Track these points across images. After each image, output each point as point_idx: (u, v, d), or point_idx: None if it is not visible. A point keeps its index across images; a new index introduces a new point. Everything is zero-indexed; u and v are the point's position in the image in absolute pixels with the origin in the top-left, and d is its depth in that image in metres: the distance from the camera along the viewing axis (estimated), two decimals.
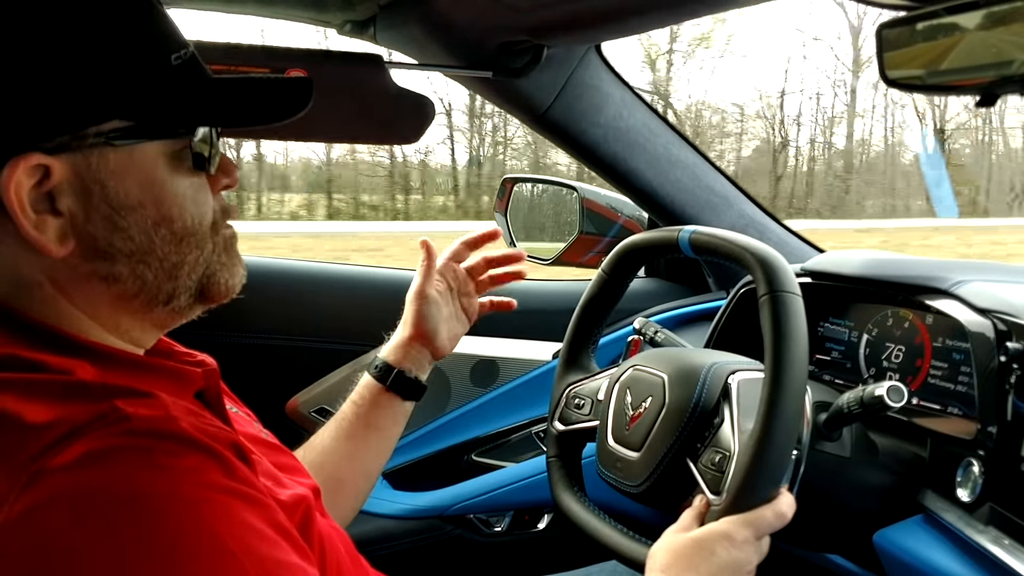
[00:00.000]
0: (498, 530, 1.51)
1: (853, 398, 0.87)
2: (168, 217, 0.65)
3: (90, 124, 0.60)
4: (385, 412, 1.05)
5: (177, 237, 0.65)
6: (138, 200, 0.63)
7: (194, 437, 0.57)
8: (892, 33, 0.80)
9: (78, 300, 0.64)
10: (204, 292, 0.69)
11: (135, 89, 0.61)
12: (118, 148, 0.61)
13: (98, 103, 0.60)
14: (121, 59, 0.61)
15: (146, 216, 0.63)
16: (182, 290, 0.67)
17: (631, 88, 1.44)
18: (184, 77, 0.64)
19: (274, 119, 0.67)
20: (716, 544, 0.76)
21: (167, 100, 0.63)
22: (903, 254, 1.36)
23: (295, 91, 0.68)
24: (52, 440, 0.53)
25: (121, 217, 0.62)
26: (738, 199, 1.53)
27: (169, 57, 0.63)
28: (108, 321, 0.65)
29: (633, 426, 0.93)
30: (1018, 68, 0.69)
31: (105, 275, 0.64)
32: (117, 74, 0.60)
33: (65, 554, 0.51)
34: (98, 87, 0.60)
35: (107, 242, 0.63)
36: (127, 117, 0.61)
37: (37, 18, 0.58)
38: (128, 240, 0.63)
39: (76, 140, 0.60)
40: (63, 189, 0.60)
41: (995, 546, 0.82)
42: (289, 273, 1.59)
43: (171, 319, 0.70)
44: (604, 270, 1.06)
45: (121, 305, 0.65)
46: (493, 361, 1.55)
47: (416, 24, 1.27)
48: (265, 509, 0.58)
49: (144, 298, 0.66)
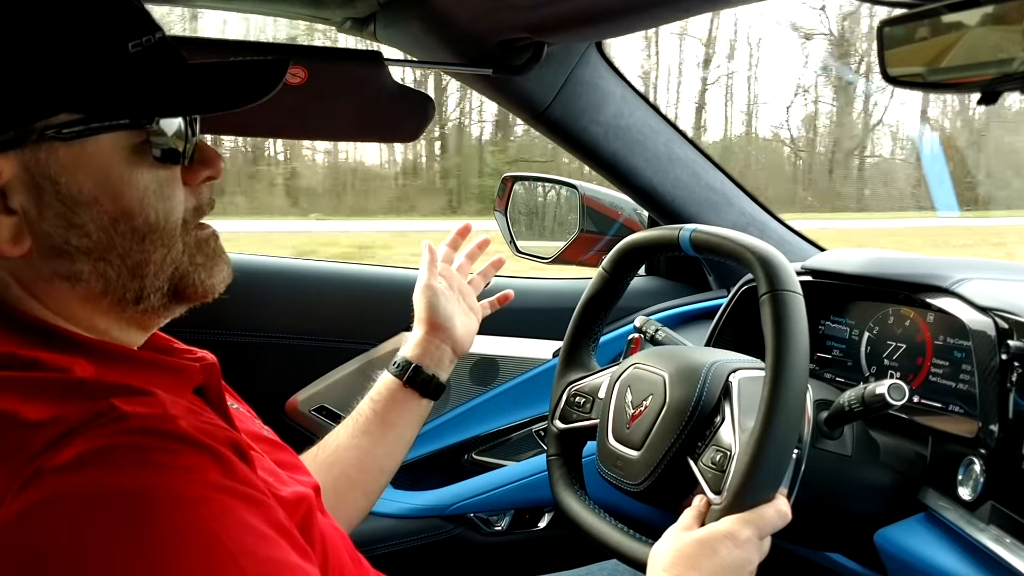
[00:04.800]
0: (498, 529, 1.51)
1: (854, 396, 0.87)
2: (127, 212, 0.62)
3: (36, 118, 0.57)
4: (402, 409, 1.06)
5: (139, 234, 0.63)
6: (93, 196, 0.60)
7: (192, 436, 0.56)
8: (893, 30, 0.79)
9: (47, 300, 0.62)
10: (179, 292, 0.67)
11: (84, 80, 0.58)
12: (69, 142, 0.58)
13: (44, 96, 0.57)
14: (69, 49, 0.58)
15: (102, 212, 0.61)
16: (151, 289, 0.65)
17: (631, 86, 1.43)
18: (143, 65, 0.61)
19: (240, 103, 0.63)
20: (718, 543, 0.76)
21: (120, 90, 0.59)
22: (904, 252, 1.36)
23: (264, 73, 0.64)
24: (49, 439, 0.52)
25: (75, 214, 0.60)
26: (738, 197, 1.53)
27: (126, 45, 0.60)
28: (83, 321, 0.64)
29: (634, 424, 0.93)
30: (1019, 65, 0.69)
31: (66, 274, 0.62)
32: (66, 65, 0.58)
33: (62, 553, 0.50)
34: (43, 80, 0.57)
35: (63, 240, 0.61)
36: (76, 109, 0.58)
37: None
38: (84, 237, 0.61)
39: (23, 135, 0.57)
40: (14, 186, 0.58)
41: (996, 545, 0.82)
42: (289, 272, 1.59)
43: (148, 319, 0.68)
44: (605, 268, 1.05)
45: (90, 305, 0.64)
46: (493, 360, 1.55)
47: (416, 21, 1.27)
48: (264, 508, 0.58)
49: (112, 297, 0.64)
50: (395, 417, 1.05)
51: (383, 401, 1.05)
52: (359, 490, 1.03)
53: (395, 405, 1.05)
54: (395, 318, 1.53)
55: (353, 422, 1.05)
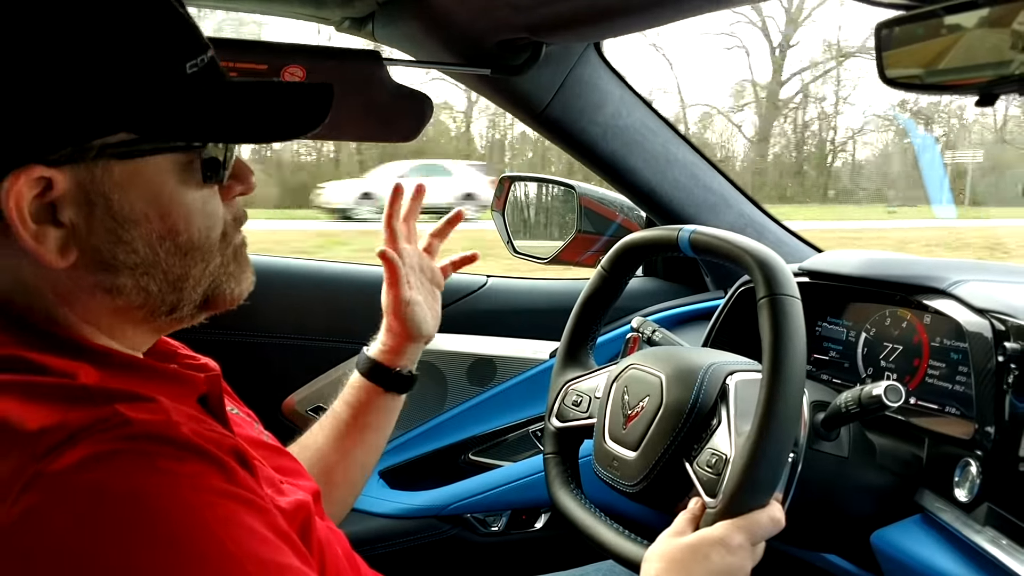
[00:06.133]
0: (495, 529, 1.51)
1: (851, 398, 0.87)
2: (174, 230, 0.63)
3: (95, 137, 0.58)
4: (378, 409, 1.06)
5: (182, 251, 0.64)
6: (143, 213, 0.61)
7: (194, 442, 0.56)
8: (890, 32, 0.80)
9: (79, 309, 0.63)
10: (209, 301, 0.68)
11: (144, 101, 0.59)
12: (124, 161, 0.59)
13: (104, 115, 0.58)
14: (130, 69, 0.58)
15: (151, 230, 0.62)
16: (186, 302, 0.66)
17: (630, 86, 1.43)
18: (198, 87, 0.61)
19: (293, 134, 0.64)
20: (711, 549, 0.75)
21: (178, 112, 0.60)
22: (901, 253, 1.36)
23: (313, 100, 0.65)
24: (52, 443, 0.52)
25: (125, 230, 0.61)
26: (736, 199, 1.53)
27: (184, 65, 0.61)
28: (110, 329, 0.65)
29: (630, 425, 0.93)
30: (1017, 68, 0.69)
31: (109, 287, 0.62)
32: (125, 85, 0.58)
33: (63, 557, 0.50)
34: (104, 98, 0.57)
35: (111, 255, 0.61)
36: (134, 130, 0.59)
37: (43, 25, 0.56)
38: (132, 253, 0.62)
39: (80, 152, 0.58)
40: (66, 201, 0.59)
41: (993, 546, 0.82)
42: (288, 271, 1.59)
43: (173, 326, 0.69)
44: (604, 267, 1.05)
45: (123, 315, 0.65)
46: (490, 360, 1.55)
47: (414, 21, 1.27)
48: (266, 514, 0.58)
49: (148, 309, 0.65)
50: (372, 419, 1.05)
51: (358, 404, 1.05)
52: (344, 489, 1.04)
53: (371, 407, 1.05)
54: None
55: (331, 424, 1.05)
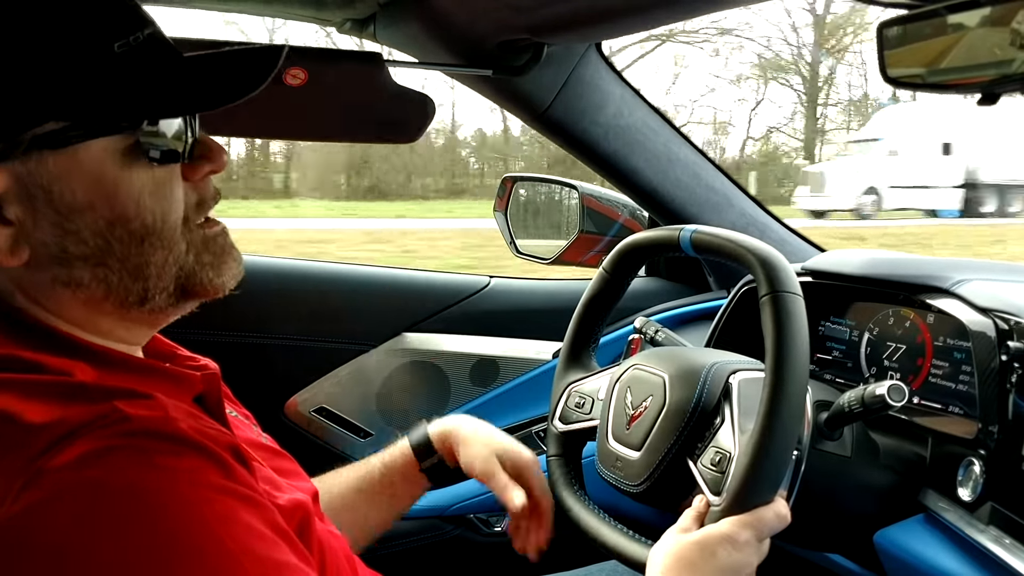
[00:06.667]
0: (498, 530, 1.51)
1: (854, 397, 0.87)
2: (123, 216, 0.61)
3: (23, 129, 0.56)
4: (411, 486, 1.03)
5: (136, 237, 0.61)
6: (86, 202, 0.59)
7: (193, 439, 0.56)
8: (892, 31, 0.80)
9: (50, 307, 0.62)
10: (186, 291, 0.66)
11: (69, 86, 0.57)
12: (58, 150, 0.57)
13: (29, 105, 0.56)
14: (51, 55, 0.56)
15: (97, 217, 0.60)
16: (156, 291, 0.64)
17: (631, 86, 1.43)
18: (130, 65, 0.59)
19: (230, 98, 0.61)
20: (717, 546, 0.76)
21: (106, 94, 0.58)
22: (905, 253, 1.36)
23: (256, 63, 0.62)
24: (51, 440, 0.53)
25: (70, 221, 0.59)
26: (738, 198, 1.53)
27: (111, 45, 0.58)
28: (87, 324, 0.64)
29: (633, 425, 0.93)
30: (1018, 67, 0.69)
31: (67, 281, 0.61)
32: (48, 72, 0.56)
33: (63, 553, 0.51)
34: (28, 88, 0.56)
35: (59, 247, 0.60)
36: (62, 117, 0.57)
37: None
38: (81, 244, 0.60)
39: (11, 147, 0.57)
40: (7, 198, 0.58)
41: (996, 546, 0.82)
42: (289, 272, 1.59)
43: (155, 317, 0.67)
44: (605, 268, 1.05)
45: (93, 308, 0.63)
46: (493, 360, 1.55)
47: (416, 22, 1.27)
48: (263, 510, 0.58)
49: (115, 300, 0.63)
50: (401, 490, 1.02)
51: (396, 472, 1.02)
52: None
53: (404, 480, 1.02)
54: (395, 319, 1.53)
55: (358, 477, 1.02)
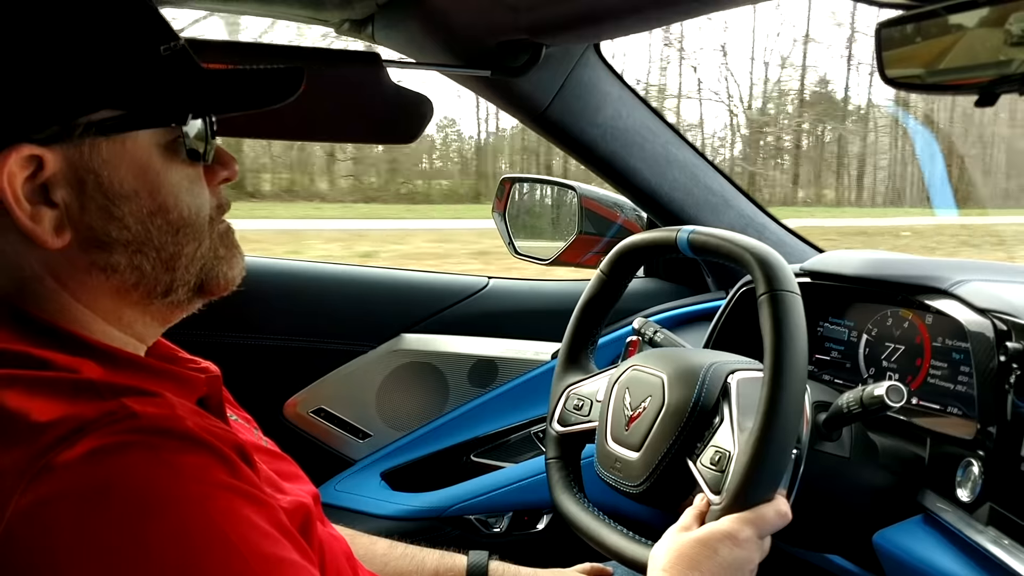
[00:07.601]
0: (497, 531, 1.51)
1: (853, 398, 0.87)
2: (164, 207, 0.65)
3: (80, 114, 0.60)
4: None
5: (173, 227, 0.65)
6: (133, 189, 0.63)
7: (200, 437, 0.57)
8: (891, 32, 0.80)
9: (79, 293, 0.64)
10: (203, 286, 0.69)
11: (124, 78, 0.62)
12: (110, 137, 0.61)
13: (87, 93, 0.60)
14: (110, 49, 0.61)
15: (141, 205, 0.64)
16: (180, 283, 0.67)
17: (630, 87, 1.44)
18: (174, 67, 0.65)
19: (263, 104, 0.68)
20: (719, 543, 0.76)
21: (157, 89, 0.63)
22: (902, 253, 1.36)
23: (285, 79, 0.69)
24: (60, 436, 0.53)
25: (116, 206, 0.63)
26: (737, 199, 1.53)
27: (158, 48, 0.64)
28: (110, 314, 0.66)
29: (632, 426, 0.93)
30: (1018, 67, 0.69)
31: (103, 266, 0.64)
32: (106, 64, 0.61)
33: (71, 548, 0.51)
34: (87, 77, 0.60)
35: (103, 232, 0.63)
36: (117, 106, 0.61)
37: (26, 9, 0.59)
38: (124, 229, 0.63)
39: (67, 130, 0.60)
40: (57, 180, 0.61)
41: (995, 546, 0.82)
42: (288, 273, 1.59)
43: (171, 312, 0.70)
44: (603, 270, 1.05)
45: (121, 297, 0.66)
46: (492, 361, 1.55)
47: (414, 23, 1.27)
48: (268, 508, 0.59)
49: (143, 290, 0.66)
50: None
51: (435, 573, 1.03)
52: None
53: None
54: (394, 320, 1.53)
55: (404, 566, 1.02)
